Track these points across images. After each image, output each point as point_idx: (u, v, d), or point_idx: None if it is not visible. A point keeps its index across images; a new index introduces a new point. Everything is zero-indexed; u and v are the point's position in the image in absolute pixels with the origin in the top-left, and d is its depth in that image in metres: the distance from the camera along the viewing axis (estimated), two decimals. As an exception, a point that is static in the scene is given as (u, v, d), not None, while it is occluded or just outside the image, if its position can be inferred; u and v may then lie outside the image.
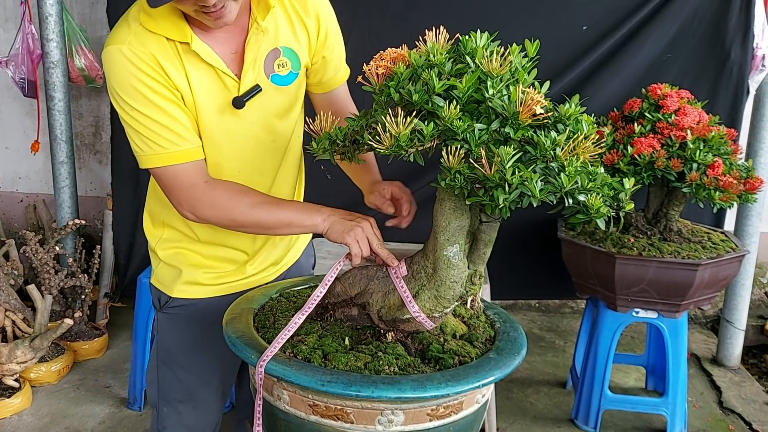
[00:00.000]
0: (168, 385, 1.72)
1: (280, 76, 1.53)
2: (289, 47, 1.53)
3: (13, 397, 2.85)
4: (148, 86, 1.41)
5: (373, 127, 1.16)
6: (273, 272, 1.77)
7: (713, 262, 2.40)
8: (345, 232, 1.38)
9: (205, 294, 1.69)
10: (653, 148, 2.39)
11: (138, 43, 1.40)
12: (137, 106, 1.42)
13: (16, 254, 3.39)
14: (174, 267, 1.68)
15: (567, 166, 1.07)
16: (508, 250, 2.97)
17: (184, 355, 1.71)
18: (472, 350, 1.30)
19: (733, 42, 2.94)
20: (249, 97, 1.49)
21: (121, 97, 1.42)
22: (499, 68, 1.11)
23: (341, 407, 1.18)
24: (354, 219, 1.41)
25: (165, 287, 1.70)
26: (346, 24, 2.99)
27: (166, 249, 1.69)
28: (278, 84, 1.54)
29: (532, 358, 3.45)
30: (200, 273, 1.67)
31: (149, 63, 1.40)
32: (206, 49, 1.44)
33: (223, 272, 1.69)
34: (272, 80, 1.53)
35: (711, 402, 3.09)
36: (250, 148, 1.57)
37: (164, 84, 1.42)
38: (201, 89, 1.46)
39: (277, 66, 1.52)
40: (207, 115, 1.49)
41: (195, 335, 1.69)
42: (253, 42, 1.47)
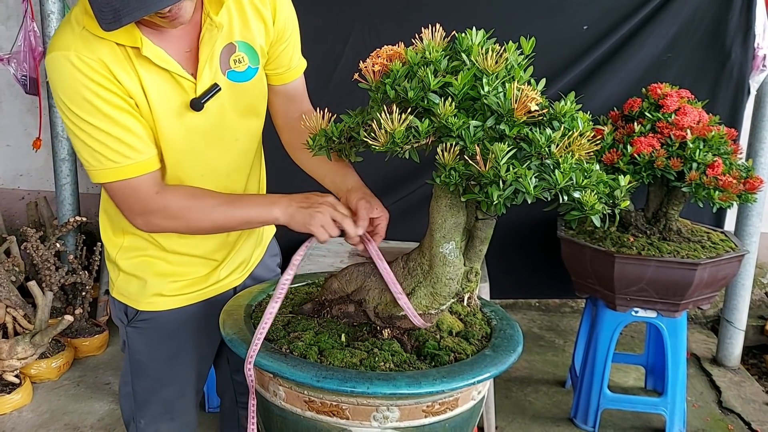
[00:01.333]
0: (144, 399, 1.67)
1: (237, 72, 1.46)
2: (245, 41, 1.45)
3: (14, 393, 2.85)
4: (98, 95, 1.31)
5: (368, 124, 1.16)
6: (242, 273, 1.72)
7: (712, 262, 2.39)
8: (306, 222, 1.35)
9: (175, 304, 1.62)
10: (653, 147, 2.39)
11: (85, 48, 1.30)
12: (87, 117, 1.32)
13: (17, 251, 3.40)
14: (138, 278, 1.60)
15: (562, 163, 1.08)
16: (507, 250, 2.98)
17: (159, 368, 1.66)
18: (468, 347, 1.31)
19: (733, 42, 2.93)
20: (207, 97, 1.41)
21: (69, 108, 1.32)
22: (495, 65, 1.12)
23: (337, 403, 1.19)
24: (312, 204, 1.36)
25: (131, 300, 1.62)
26: (347, 23, 3.05)
27: (128, 258, 1.59)
28: (235, 80, 1.46)
29: (531, 357, 3.45)
30: (167, 282, 1.60)
31: (99, 70, 1.30)
32: (158, 53, 1.35)
33: (192, 280, 1.62)
34: (229, 77, 1.44)
35: (710, 402, 3.09)
36: (213, 150, 1.50)
37: (116, 92, 1.33)
38: (156, 93, 1.38)
39: (233, 62, 1.44)
40: (164, 119, 1.40)
41: (169, 348, 1.64)
42: (207, 39, 1.39)
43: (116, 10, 1.16)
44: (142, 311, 1.61)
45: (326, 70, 3.03)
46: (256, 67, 1.49)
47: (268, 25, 1.47)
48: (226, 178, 1.55)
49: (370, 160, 1.32)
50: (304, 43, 3.20)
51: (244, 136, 1.54)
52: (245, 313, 1.42)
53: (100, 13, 1.18)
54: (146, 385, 1.67)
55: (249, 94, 1.51)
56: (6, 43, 3.77)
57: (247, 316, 1.41)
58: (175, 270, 1.60)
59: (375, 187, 3.36)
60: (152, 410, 1.68)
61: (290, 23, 1.52)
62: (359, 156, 1.32)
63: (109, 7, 1.16)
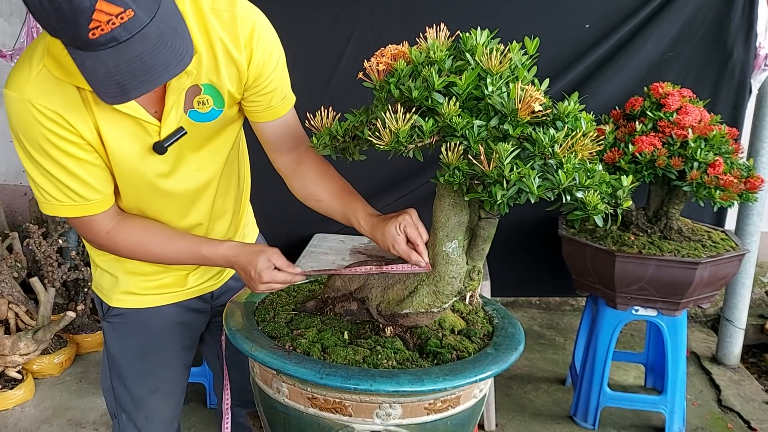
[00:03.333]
0: (120, 394, 1.69)
1: (200, 113, 1.40)
2: (211, 84, 1.38)
3: (16, 388, 2.87)
4: (50, 142, 1.27)
5: (373, 123, 1.17)
6: (219, 279, 1.71)
7: (713, 261, 2.40)
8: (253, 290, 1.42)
9: (146, 303, 1.63)
10: (654, 146, 2.39)
11: (40, 94, 1.24)
12: (38, 158, 1.30)
13: (19, 247, 3.41)
14: (111, 274, 1.61)
15: (565, 163, 1.08)
16: (508, 248, 2.98)
17: (129, 364, 1.66)
18: (470, 345, 1.31)
19: (735, 41, 2.94)
20: (172, 141, 1.37)
21: (23, 145, 1.30)
22: (499, 65, 1.12)
23: (340, 400, 1.20)
24: (250, 277, 1.38)
25: (104, 295, 1.65)
26: (349, 22, 3.05)
27: (102, 254, 1.59)
28: (197, 120, 1.40)
29: (531, 355, 3.46)
30: (138, 281, 1.60)
31: (53, 119, 1.26)
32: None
33: (163, 283, 1.62)
34: (190, 116, 1.39)
35: (710, 400, 3.10)
36: (175, 183, 1.47)
37: (70, 140, 1.29)
38: (116, 138, 1.33)
39: (197, 103, 1.38)
40: (122, 162, 1.37)
41: (139, 345, 1.65)
42: (175, 85, 1.32)
43: (122, 85, 1.10)
44: (113, 307, 1.64)
45: (329, 67, 3.04)
46: (221, 110, 1.42)
47: (241, 70, 1.38)
48: (190, 204, 1.53)
49: (373, 157, 1.32)
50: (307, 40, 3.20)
51: (206, 166, 1.49)
52: (248, 310, 1.43)
53: (101, 88, 1.12)
54: (119, 381, 1.68)
55: (210, 131, 1.45)
56: (9, 39, 3.78)
57: (251, 313, 1.42)
58: (144, 270, 1.59)
59: (377, 185, 3.38)
60: (128, 406, 1.69)
61: (268, 66, 1.41)
62: (363, 155, 1.32)
63: (112, 82, 1.10)
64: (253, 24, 1.36)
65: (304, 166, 1.51)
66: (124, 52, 1.07)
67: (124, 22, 1.04)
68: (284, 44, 1.45)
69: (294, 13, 2.99)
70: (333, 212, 1.49)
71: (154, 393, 1.69)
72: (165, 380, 1.70)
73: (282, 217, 2.03)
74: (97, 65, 1.08)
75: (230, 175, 1.60)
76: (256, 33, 1.36)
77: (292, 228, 3.01)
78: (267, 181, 1.77)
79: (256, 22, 1.36)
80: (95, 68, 1.09)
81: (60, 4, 1.01)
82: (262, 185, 1.76)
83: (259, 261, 1.37)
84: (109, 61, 1.07)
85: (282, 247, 1.88)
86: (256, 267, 1.37)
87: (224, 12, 1.32)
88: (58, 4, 1.01)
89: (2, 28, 4.05)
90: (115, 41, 1.06)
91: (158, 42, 1.09)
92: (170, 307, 1.65)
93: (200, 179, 1.50)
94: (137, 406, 1.68)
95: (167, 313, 1.65)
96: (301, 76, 3.00)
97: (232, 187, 1.62)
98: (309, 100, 1.69)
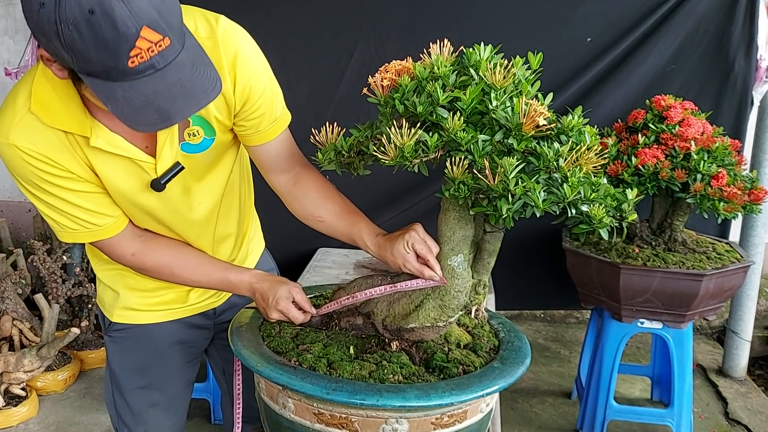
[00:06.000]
0: (121, 408, 1.69)
1: (192, 144, 1.39)
2: (199, 116, 1.36)
3: (20, 405, 2.86)
4: (45, 180, 1.29)
5: (378, 138, 1.17)
6: (217, 299, 1.71)
7: (718, 273, 2.40)
8: (265, 317, 1.42)
9: (146, 320, 1.63)
10: (657, 158, 2.39)
11: (25, 140, 1.24)
12: (39, 195, 1.32)
13: (23, 264, 3.41)
14: (112, 289, 1.63)
15: (570, 177, 1.09)
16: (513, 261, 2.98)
17: (129, 378, 1.67)
18: (476, 359, 1.31)
19: (737, 53, 2.95)
20: (169, 177, 1.37)
21: (20, 182, 1.32)
22: (503, 80, 1.13)
23: (346, 416, 1.19)
24: (267, 303, 1.40)
25: (106, 310, 1.66)
26: (352, 36, 3.07)
27: (105, 270, 1.61)
28: (189, 152, 1.39)
29: (537, 369, 3.45)
30: (139, 297, 1.61)
31: (41, 160, 1.26)
32: (112, 140, 1.29)
33: (164, 300, 1.63)
34: (183, 148, 1.38)
35: (717, 413, 3.08)
36: (175, 216, 1.48)
37: (62, 176, 1.30)
38: (112, 177, 1.34)
39: (188, 135, 1.37)
40: (120, 198, 1.38)
41: (139, 360, 1.66)
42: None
43: (162, 110, 1.09)
44: (114, 322, 1.65)
45: (332, 82, 3.05)
46: (212, 138, 1.41)
47: (227, 97, 1.35)
48: (190, 230, 1.53)
49: (376, 171, 1.32)
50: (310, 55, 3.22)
51: (206, 197, 1.49)
52: (253, 326, 1.43)
53: (136, 116, 1.09)
54: (119, 394, 1.69)
55: (205, 160, 1.44)
56: (14, 57, 3.80)
57: (256, 328, 1.42)
58: (146, 286, 1.60)
59: (381, 198, 3.39)
60: (128, 420, 1.69)
61: (255, 91, 1.37)
62: (367, 169, 1.32)
63: (151, 108, 1.08)
64: (236, 49, 1.31)
65: (302, 186, 1.49)
66: (162, 79, 1.07)
67: (162, 50, 1.05)
68: (287, 60, 1.46)
69: (297, 29, 3.02)
70: (337, 233, 1.46)
71: (154, 407, 1.69)
72: (165, 395, 1.70)
73: (285, 232, 2.03)
74: (133, 94, 1.07)
75: (231, 200, 1.59)
76: (240, 58, 1.32)
77: (295, 242, 3.01)
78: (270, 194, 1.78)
79: (239, 46, 1.32)
80: (130, 97, 1.07)
81: (104, 33, 0.99)
82: (264, 199, 1.76)
83: (281, 289, 1.40)
84: (147, 89, 1.07)
85: (285, 261, 1.89)
86: (276, 294, 1.39)
87: (206, 40, 1.27)
88: (102, 32, 0.99)
89: (7, 45, 4.08)
90: (153, 69, 1.06)
91: (192, 69, 1.10)
92: (171, 323, 1.65)
93: (202, 210, 1.50)
94: (137, 420, 1.68)
95: (168, 329, 1.66)
96: (304, 91, 3.06)
97: (234, 211, 1.62)
98: (313, 115, 1.71)
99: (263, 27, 2.97)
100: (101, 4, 0.98)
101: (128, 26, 1.00)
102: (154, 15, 1.02)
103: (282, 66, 2.95)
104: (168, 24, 1.05)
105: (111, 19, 0.98)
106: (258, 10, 2.97)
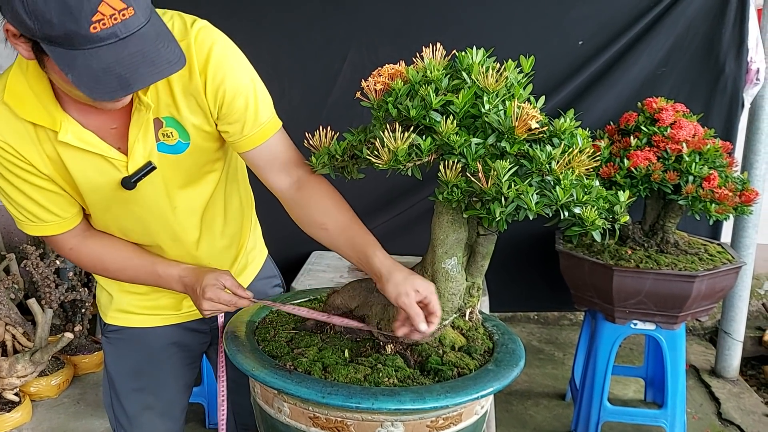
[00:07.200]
0: (117, 410, 1.70)
1: (167, 144, 1.36)
2: (172, 117, 1.34)
3: (13, 411, 2.85)
4: (8, 170, 1.31)
5: (371, 142, 1.18)
6: None
7: (710, 274, 2.41)
8: (200, 311, 1.42)
9: (139, 323, 1.64)
10: (649, 161, 2.41)
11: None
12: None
13: (16, 268, 3.40)
14: (108, 292, 1.64)
15: (562, 180, 1.09)
16: (506, 263, 2.99)
17: (124, 380, 1.67)
18: (471, 362, 1.32)
19: (727, 56, 2.97)
20: (139, 176, 1.35)
21: None
22: (495, 84, 1.14)
23: (341, 419, 1.19)
24: (195, 294, 1.40)
25: (101, 311, 1.68)
26: (345, 41, 3.07)
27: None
28: (165, 152, 1.37)
29: (531, 371, 3.46)
30: (132, 299, 1.62)
31: (6, 150, 1.28)
32: (82, 135, 1.29)
33: (157, 304, 1.62)
34: (159, 148, 1.36)
35: (710, 413, 3.10)
36: (149, 217, 1.45)
37: (23, 167, 1.31)
38: (81, 173, 1.34)
39: (162, 135, 1.35)
40: (90, 194, 1.38)
41: (134, 362, 1.66)
42: (136, 118, 1.31)
43: (122, 77, 1.08)
44: (108, 324, 1.66)
45: (325, 86, 3.06)
46: (187, 143, 1.38)
47: (200, 100, 1.33)
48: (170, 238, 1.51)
49: (371, 174, 1.33)
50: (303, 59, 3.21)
51: (182, 203, 1.46)
52: (248, 330, 1.43)
53: (96, 84, 1.08)
54: (115, 396, 1.69)
55: (184, 165, 1.41)
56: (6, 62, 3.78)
57: (251, 332, 1.42)
58: (139, 289, 1.60)
59: (375, 202, 3.39)
60: (123, 422, 1.70)
61: (230, 92, 1.33)
62: (361, 173, 1.33)
63: (111, 75, 1.08)
64: (209, 49, 1.29)
65: (306, 193, 1.41)
66: (124, 47, 1.08)
67: (125, 19, 1.06)
68: (280, 65, 1.45)
69: (290, 34, 3.02)
70: (338, 244, 1.38)
71: (149, 410, 1.69)
72: (161, 398, 1.69)
73: (279, 235, 2.03)
74: (94, 62, 1.07)
75: (214, 214, 1.54)
76: (213, 59, 1.29)
77: (289, 246, 3.01)
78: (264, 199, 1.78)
79: (213, 46, 1.29)
80: (91, 64, 1.07)
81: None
82: (257, 203, 1.76)
83: (206, 277, 1.39)
84: (108, 56, 1.07)
85: (279, 264, 1.89)
86: (202, 283, 1.38)
87: (180, 42, 1.23)
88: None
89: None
90: (115, 37, 1.07)
91: (157, 41, 1.12)
92: (166, 327, 1.65)
93: (177, 215, 1.47)
94: (132, 423, 1.68)
95: (163, 333, 1.66)
96: (297, 95, 3.06)
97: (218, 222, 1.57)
98: (306, 120, 1.71)
99: (256, 32, 2.97)
100: None
101: None
102: None
103: (275, 71, 2.95)
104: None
105: None
106: (251, 16, 2.97)
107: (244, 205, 1.66)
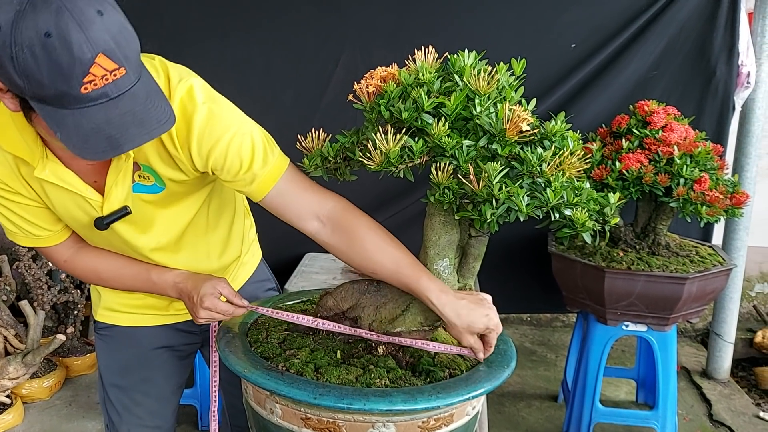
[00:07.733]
0: (108, 406, 1.71)
1: (143, 185, 1.36)
2: (149, 165, 1.33)
3: (5, 413, 2.84)
4: None
5: (363, 144, 1.19)
6: None
7: (701, 276, 2.42)
8: (195, 319, 1.42)
9: (128, 322, 1.65)
10: (641, 163, 2.42)
11: None
12: None
13: (8, 270, 3.39)
14: (96, 289, 1.67)
15: (553, 182, 1.10)
16: (498, 265, 3.00)
17: (113, 377, 1.68)
18: (462, 363, 1.32)
19: (718, 59, 2.99)
20: (113, 219, 1.35)
21: None
22: (487, 86, 1.14)
23: (333, 420, 1.20)
24: (192, 302, 1.40)
25: (93, 308, 1.71)
26: (338, 43, 3.08)
27: None
28: (141, 192, 1.36)
29: (523, 372, 3.46)
30: (119, 297, 1.63)
31: None
32: (60, 172, 1.28)
33: (145, 303, 1.63)
34: (135, 189, 1.35)
35: (701, 415, 3.11)
36: (129, 248, 1.47)
37: (11, 191, 1.32)
38: (60, 204, 1.35)
39: (138, 176, 1.34)
40: (71, 221, 1.40)
41: (123, 360, 1.67)
42: (115, 164, 1.29)
43: (112, 138, 1.06)
44: (97, 321, 1.69)
45: (318, 89, 3.07)
46: (162, 188, 1.37)
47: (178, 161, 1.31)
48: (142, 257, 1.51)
49: (363, 176, 1.33)
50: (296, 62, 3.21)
51: (164, 238, 1.46)
52: (240, 331, 1.43)
53: (86, 144, 1.06)
54: (105, 393, 1.70)
55: (158, 203, 1.40)
56: None
57: (243, 333, 1.42)
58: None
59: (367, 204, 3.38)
60: (114, 418, 1.70)
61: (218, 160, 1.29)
62: (354, 174, 1.33)
63: (100, 136, 1.06)
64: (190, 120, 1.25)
65: (340, 237, 1.34)
66: (114, 107, 1.06)
67: (116, 79, 1.04)
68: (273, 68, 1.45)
69: (282, 37, 3.02)
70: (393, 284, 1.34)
71: (138, 407, 1.69)
72: (149, 397, 1.70)
73: (271, 237, 2.03)
74: (84, 121, 1.05)
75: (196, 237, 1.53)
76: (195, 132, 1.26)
77: (282, 247, 3.01)
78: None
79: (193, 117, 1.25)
80: (80, 124, 1.05)
81: (59, 56, 0.98)
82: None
83: (204, 286, 1.39)
84: (98, 116, 1.05)
85: (272, 266, 1.89)
86: (200, 291, 1.38)
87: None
88: (57, 56, 0.98)
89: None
90: (106, 97, 1.05)
91: (147, 100, 1.09)
92: (155, 327, 1.66)
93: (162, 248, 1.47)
94: (121, 419, 1.69)
95: (153, 333, 1.66)
96: (290, 98, 3.06)
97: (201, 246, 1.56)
98: (299, 122, 1.71)
99: (248, 36, 2.97)
100: (58, 27, 0.98)
101: (84, 51, 0.99)
102: (111, 44, 1.02)
103: (268, 74, 2.96)
104: (125, 55, 1.04)
105: (67, 42, 0.98)
106: (244, 18, 2.98)
107: (236, 218, 1.65)
